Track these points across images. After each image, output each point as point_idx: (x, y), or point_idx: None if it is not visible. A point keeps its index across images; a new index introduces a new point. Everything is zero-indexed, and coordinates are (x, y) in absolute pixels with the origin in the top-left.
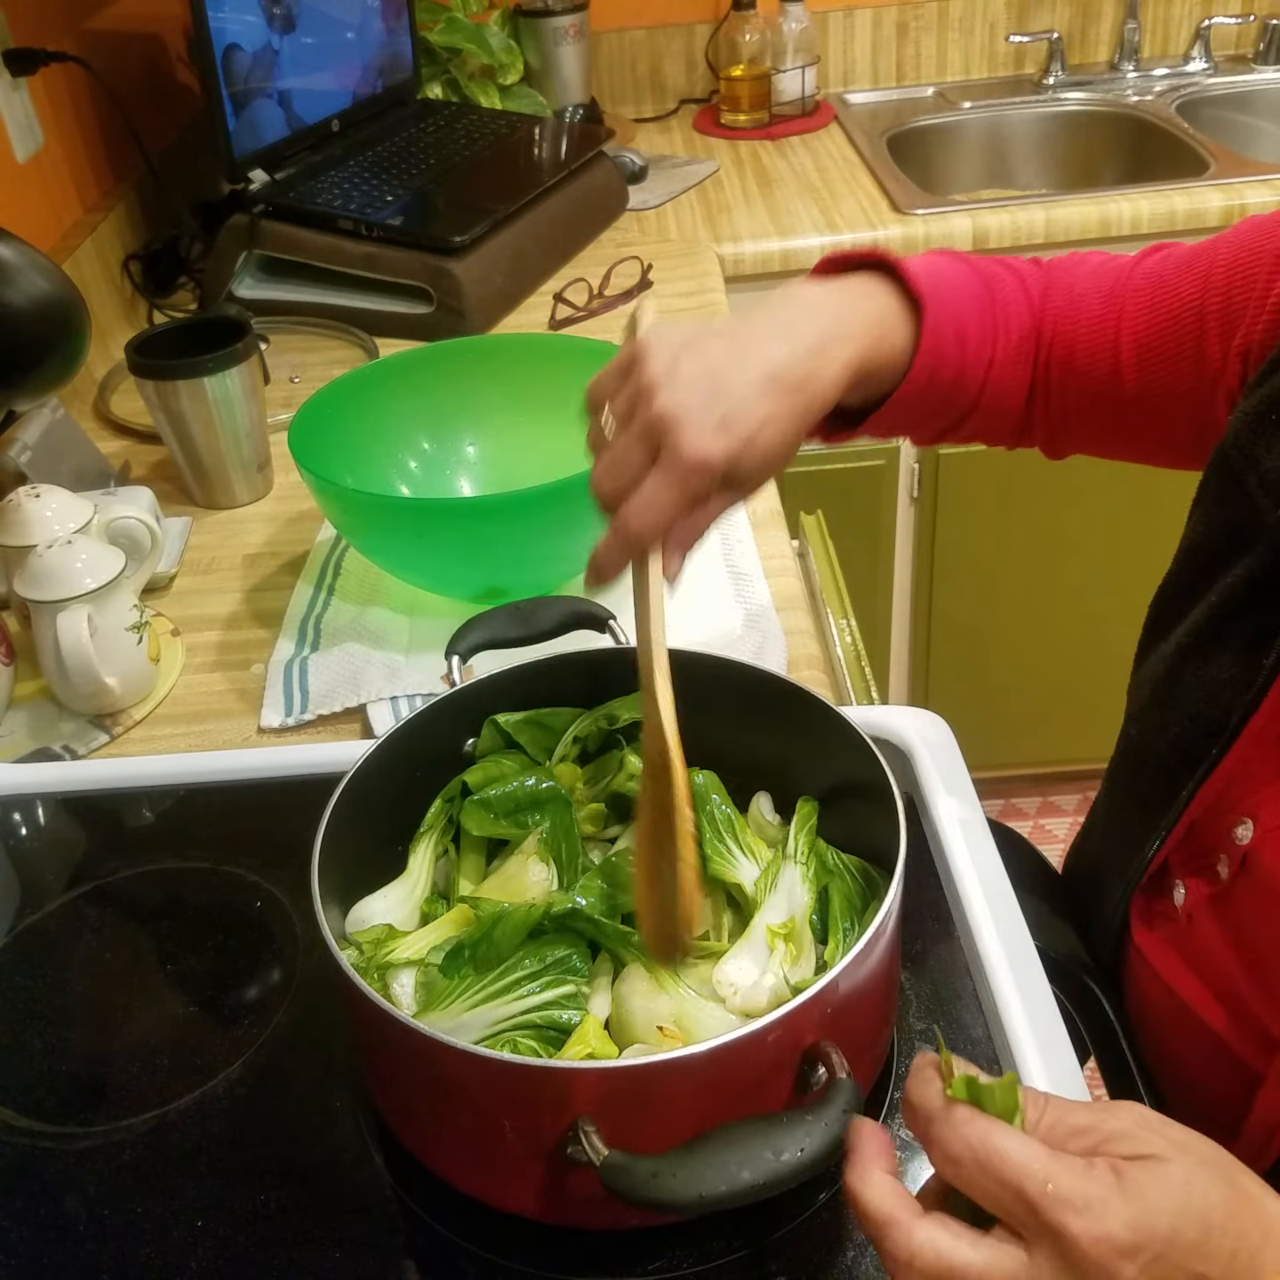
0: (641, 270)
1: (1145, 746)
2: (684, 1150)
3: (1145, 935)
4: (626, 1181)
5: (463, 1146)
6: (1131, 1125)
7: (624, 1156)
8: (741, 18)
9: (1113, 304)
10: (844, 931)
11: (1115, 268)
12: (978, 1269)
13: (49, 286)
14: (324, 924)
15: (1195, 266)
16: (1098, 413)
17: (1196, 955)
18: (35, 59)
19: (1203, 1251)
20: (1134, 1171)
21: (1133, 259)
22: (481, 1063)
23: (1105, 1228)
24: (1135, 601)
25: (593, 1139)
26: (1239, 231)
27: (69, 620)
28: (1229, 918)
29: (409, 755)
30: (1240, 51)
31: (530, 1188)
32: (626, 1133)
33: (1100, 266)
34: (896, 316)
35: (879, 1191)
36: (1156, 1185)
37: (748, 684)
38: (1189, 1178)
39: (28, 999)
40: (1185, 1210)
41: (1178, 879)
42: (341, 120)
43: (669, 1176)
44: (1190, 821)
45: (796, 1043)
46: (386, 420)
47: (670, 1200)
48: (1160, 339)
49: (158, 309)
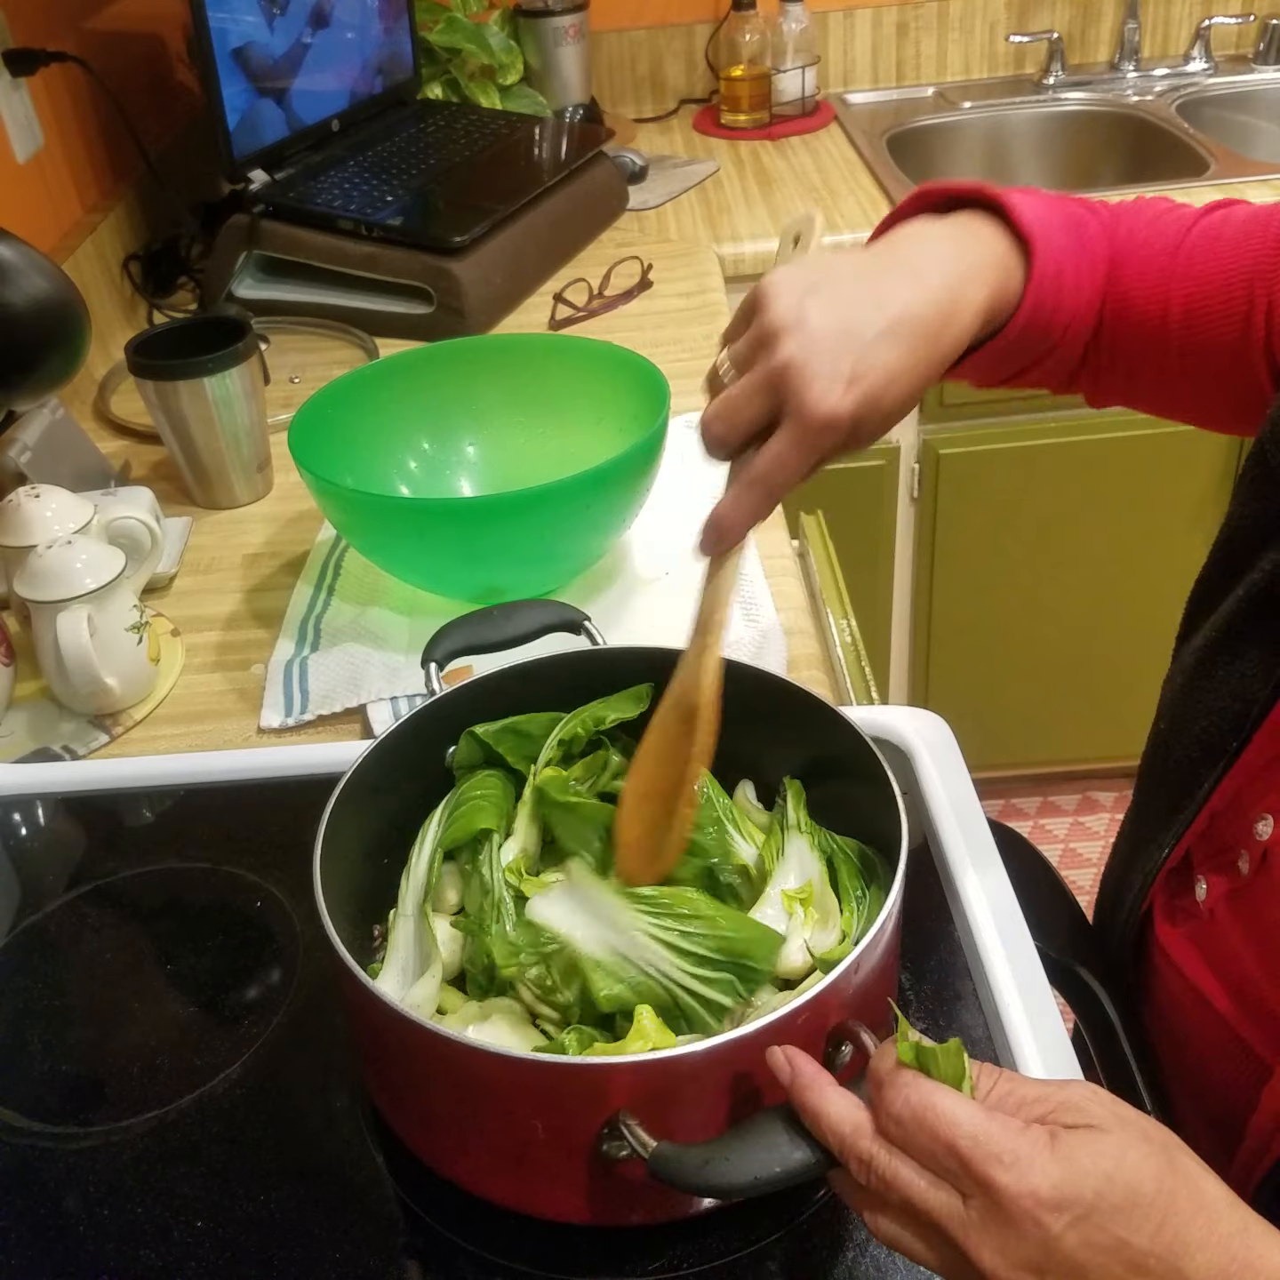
0: (641, 270)
1: (1172, 740)
2: (732, 1136)
3: (1168, 931)
4: (679, 1170)
5: (489, 1152)
6: (1080, 1099)
7: (673, 1147)
8: (741, 18)
9: (1169, 256)
10: (856, 901)
11: (1176, 218)
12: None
13: (49, 286)
14: (328, 923)
15: (1251, 236)
16: (1144, 365)
17: (1217, 950)
18: (35, 59)
19: (1128, 1219)
20: (1069, 1137)
21: (1194, 214)
22: (512, 1064)
23: (1031, 1183)
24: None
25: (637, 1132)
26: None
27: (69, 620)
28: (1249, 913)
29: (408, 754)
30: (1240, 51)
31: (565, 1189)
32: (667, 1123)
33: (1161, 216)
34: (1011, 256)
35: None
36: (1088, 1151)
37: (747, 684)
38: (1124, 1149)
39: (28, 999)
40: (1113, 1178)
41: (1200, 874)
42: (341, 120)
43: (722, 1161)
44: (1211, 815)
45: (823, 1024)
46: (386, 420)
47: (727, 1185)
48: (1208, 303)
49: (158, 309)
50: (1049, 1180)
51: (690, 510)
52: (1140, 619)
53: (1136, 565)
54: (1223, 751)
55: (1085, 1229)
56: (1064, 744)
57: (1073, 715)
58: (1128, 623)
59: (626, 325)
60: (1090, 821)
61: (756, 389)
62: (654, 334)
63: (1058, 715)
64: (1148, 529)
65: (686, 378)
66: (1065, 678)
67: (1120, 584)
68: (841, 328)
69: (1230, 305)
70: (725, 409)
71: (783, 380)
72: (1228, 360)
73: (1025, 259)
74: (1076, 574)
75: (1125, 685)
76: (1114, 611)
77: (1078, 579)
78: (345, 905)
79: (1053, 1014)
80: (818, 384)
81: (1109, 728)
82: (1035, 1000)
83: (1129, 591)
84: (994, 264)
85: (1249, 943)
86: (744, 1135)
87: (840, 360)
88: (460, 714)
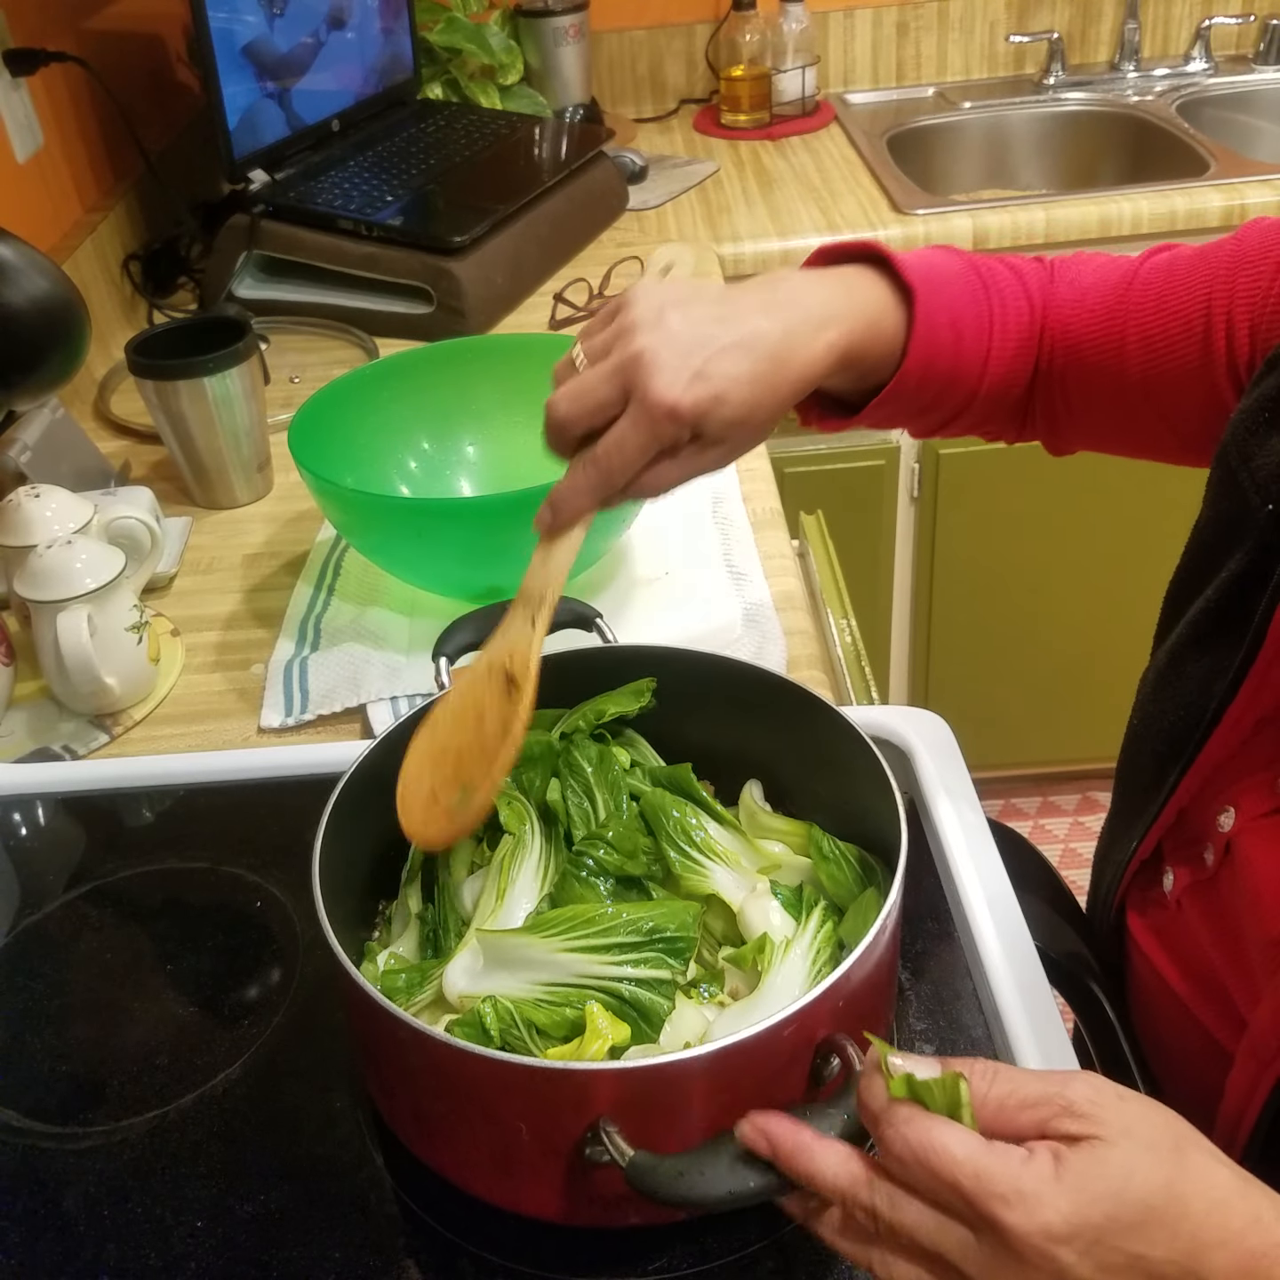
0: (641, 270)
1: (1144, 736)
2: (709, 1148)
3: (1138, 922)
4: (654, 1181)
5: (475, 1150)
6: (1084, 1100)
7: (650, 1157)
8: (741, 18)
9: (1119, 295)
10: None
11: (1122, 263)
12: (929, 1230)
13: (49, 286)
14: (326, 924)
15: (1202, 264)
16: (1102, 404)
17: (1183, 941)
18: (35, 59)
19: (1141, 1234)
20: (1074, 1160)
21: (1139, 256)
22: (498, 1066)
23: (1040, 1220)
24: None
25: (616, 1139)
26: (1246, 231)
27: (69, 620)
28: (1212, 904)
29: None
30: (1240, 51)
31: (547, 1190)
32: (647, 1131)
33: (1106, 263)
34: (888, 303)
35: (832, 1160)
36: (1095, 1173)
37: (748, 683)
38: (1131, 1164)
39: (28, 999)
40: (1123, 1197)
41: (1168, 866)
42: (341, 120)
43: (696, 1175)
44: (1179, 809)
45: (811, 1036)
46: (386, 420)
47: (700, 1198)
48: (1166, 331)
49: (158, 309)
50: (1059, 1215)
51: (691, 510)
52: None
53: (1136, 565)
54: (1186, 745)
55: (1099, 1253)
56: (1064, 744)
57: (1073, 715)
58: (1128, 623)
59: None
60: (1090, 821)
61: (607, 375)
62: None
63: (1058, 715)
64: (1148, 529)
65: None
66: (1065, 678)
67: (1120, 584)
68: (695, 332)
69: (1189, 328)
70: (573, 389)
71: (634, 367)
72: (1191, 383)
73: (908, 307)
74: (1076, 574)
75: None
76: (1114, 611)
77: (1078, 579)
78: (344, 905)
79: (1053, 1014)
80: (665, 373)
81: (1109, 728)
82: (1035, 1000)
83: (1129, 591)
84: (861, 307)
85: (1211, 933)
86: (720, 1149)
87: (690, 357)
88: None
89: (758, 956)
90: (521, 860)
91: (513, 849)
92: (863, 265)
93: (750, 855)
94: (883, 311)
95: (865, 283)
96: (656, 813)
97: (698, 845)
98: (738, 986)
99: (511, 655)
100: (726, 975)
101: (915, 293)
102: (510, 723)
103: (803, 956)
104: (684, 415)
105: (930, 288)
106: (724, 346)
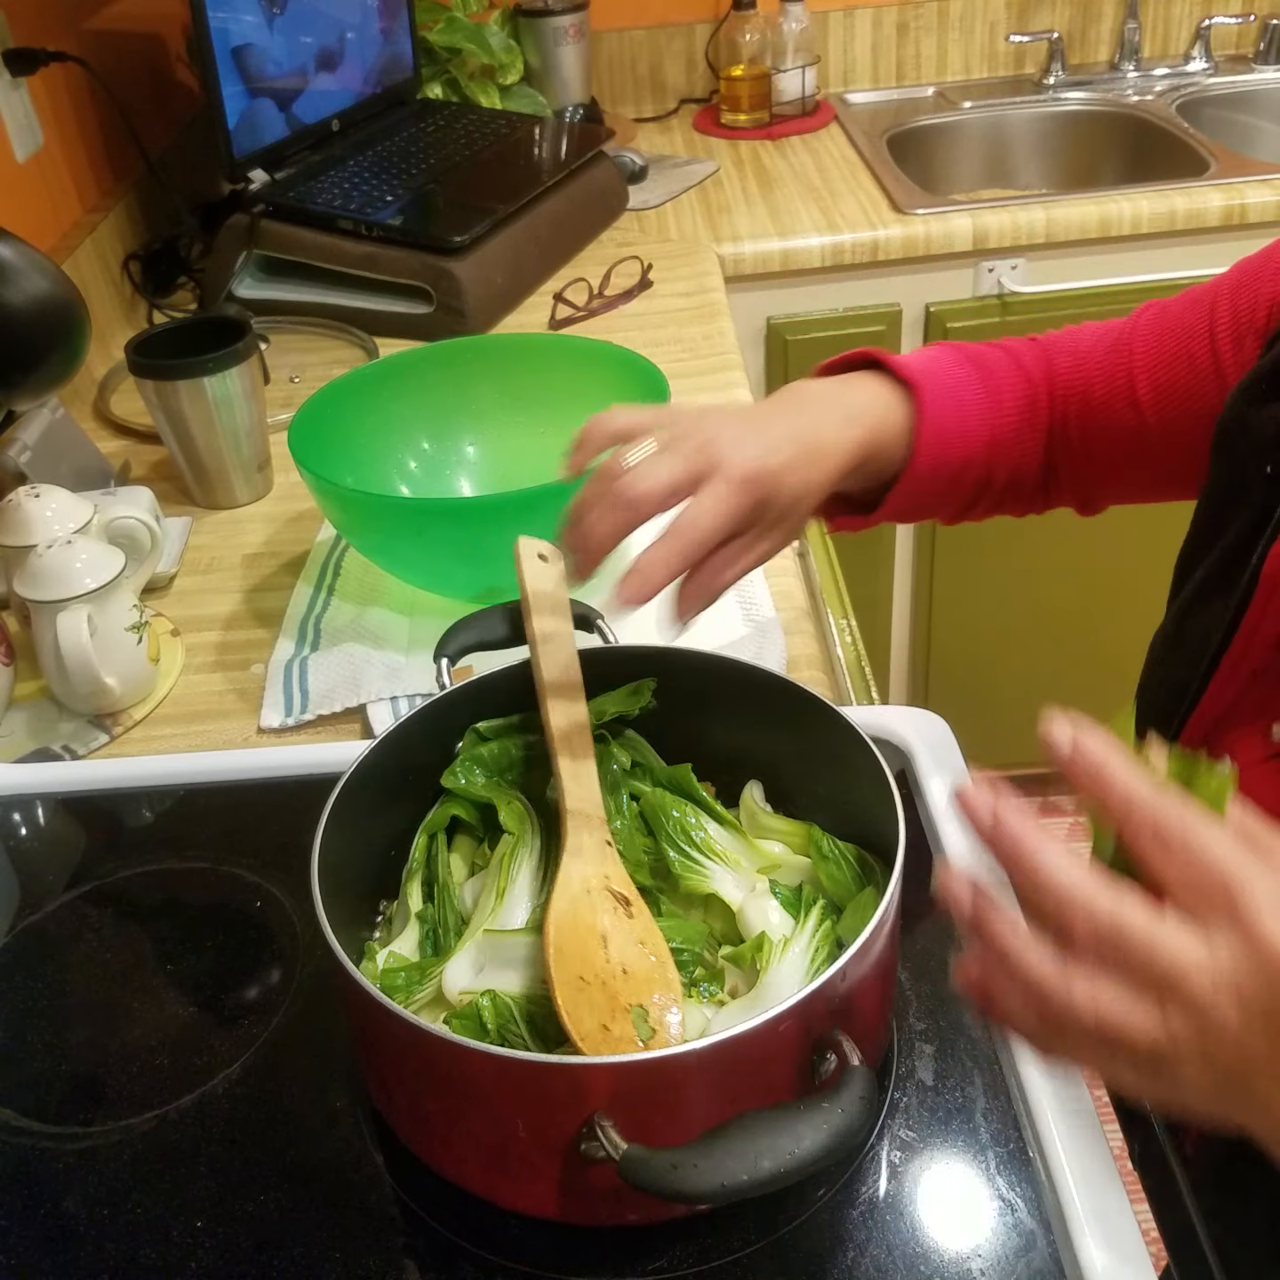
0: (641, 270)
1: (1151, 690)
2: (703, 1142)
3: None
4: (647, 1175)
5: (472, 1146)
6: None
7: (643, 1150)
8: (741, 17)
9: (1120, 349)
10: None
11: (1115, 324)
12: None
13: (49, 286)
14: (325, 923)
15: (1198, 301)
16: (1126, 457)
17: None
18: (35, 59)
19: None
20: None
21: (1130, 315)
22: (494, 1061)
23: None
24: (1136, 600)
25: (610, 1134)
26: (1236, 266)
27: (69, 620)
28: None
29: (407, 754)
30: (1240, 51)
31: (543, 1186)
32: (643, 1126)
33: (1098, 328)
34: (892, 399)
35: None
36: None
37: (748, 684)
38: None
39: (28, 999)
40: None
41: None
42: (341, 120)
43: (690, 1168)
44: None
45: (807, 1032)
46: (386, 420)
47: (692, 1191)
48: (1173, 368)
49: (158, 309)
50: None
51: None
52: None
53: (1138, 565)
54: (1186, 696)
55: None
56: None
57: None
58: (1128, 623)
59: (626, 325)
60: None
61: (684, 453)
62: (654, 334)
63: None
64: (1149, 529)
65: (686, 378)
66: (1065, 678)
67: (1121, 584)
68: (748, 426)
69: (1195, 360)
70: (648, 470)
71: (713, 446)
72: (1208, 415)
73: (911, 401)
74: (1077, 574)
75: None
76: (1114, 611)
77: (1078, 579)
78: (344, 905)
79: None
80: (743, 448)
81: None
82: None
83: (1130, 591)
84: (872, 406)
85: None
86: (714, 1142)
87: (755, 442)
88: (460, 713)
89: (756, 955)
90: (521, 860)
91: (513, 849)
92: (864, 372)
93: (750, 855)
94: (889, 407)
95: (872, 385)
96: (656, 813)
97: (697, 845)
98: (737, 985)
99: (608, 876)
100: (726, 974)
101: (916, 386)
102: (647, 938)
103: (801, 954)
104: (764, 480)
105: (930, 381)
106: (776, 436)
